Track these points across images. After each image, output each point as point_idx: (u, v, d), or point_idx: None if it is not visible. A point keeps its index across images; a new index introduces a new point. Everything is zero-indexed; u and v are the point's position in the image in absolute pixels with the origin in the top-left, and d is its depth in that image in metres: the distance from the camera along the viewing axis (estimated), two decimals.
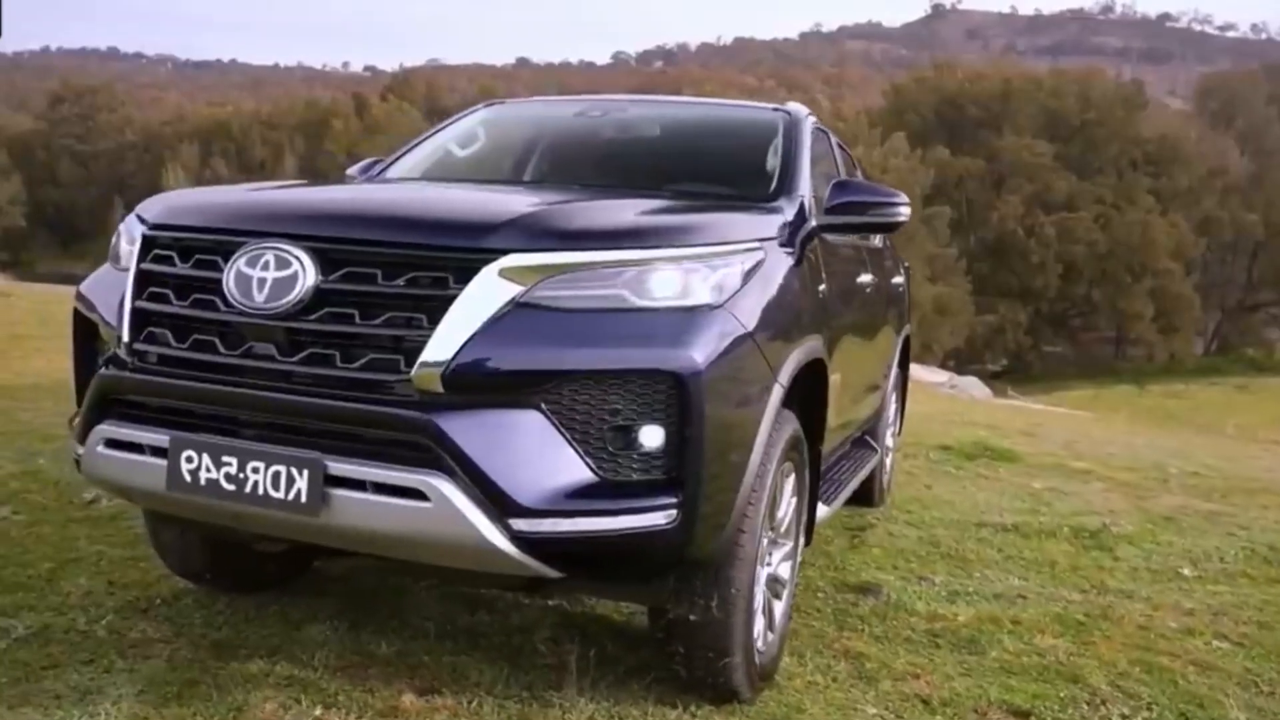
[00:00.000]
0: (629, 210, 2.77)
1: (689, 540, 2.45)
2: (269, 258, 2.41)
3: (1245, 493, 6.92)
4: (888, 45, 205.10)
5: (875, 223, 3.63)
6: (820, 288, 3.36)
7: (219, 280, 2.46)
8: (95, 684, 2.78)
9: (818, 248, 3.45)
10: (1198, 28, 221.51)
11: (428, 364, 2.29)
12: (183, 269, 2.56)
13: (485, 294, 2.33)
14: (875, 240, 4.84)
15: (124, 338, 2.56)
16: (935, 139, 48.22)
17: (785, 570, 3.19)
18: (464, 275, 2.34)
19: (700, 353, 2.40)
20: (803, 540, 3.37)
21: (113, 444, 2.58)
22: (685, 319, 2.45)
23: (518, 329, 2.33)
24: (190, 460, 2.42)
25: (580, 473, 2.35)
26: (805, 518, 3.34)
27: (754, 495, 2.67)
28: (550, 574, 2.45)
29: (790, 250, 3.09)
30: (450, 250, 2.38)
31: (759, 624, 2.93)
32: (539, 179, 4.08)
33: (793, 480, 3.12)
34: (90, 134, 64.74)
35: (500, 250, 2.37)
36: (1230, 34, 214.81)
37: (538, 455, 2.32)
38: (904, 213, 3.60)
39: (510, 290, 2.34)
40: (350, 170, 4.28)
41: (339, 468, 2.34)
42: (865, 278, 4.31)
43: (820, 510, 3.55)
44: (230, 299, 2.43)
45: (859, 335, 4.13)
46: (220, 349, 2.47)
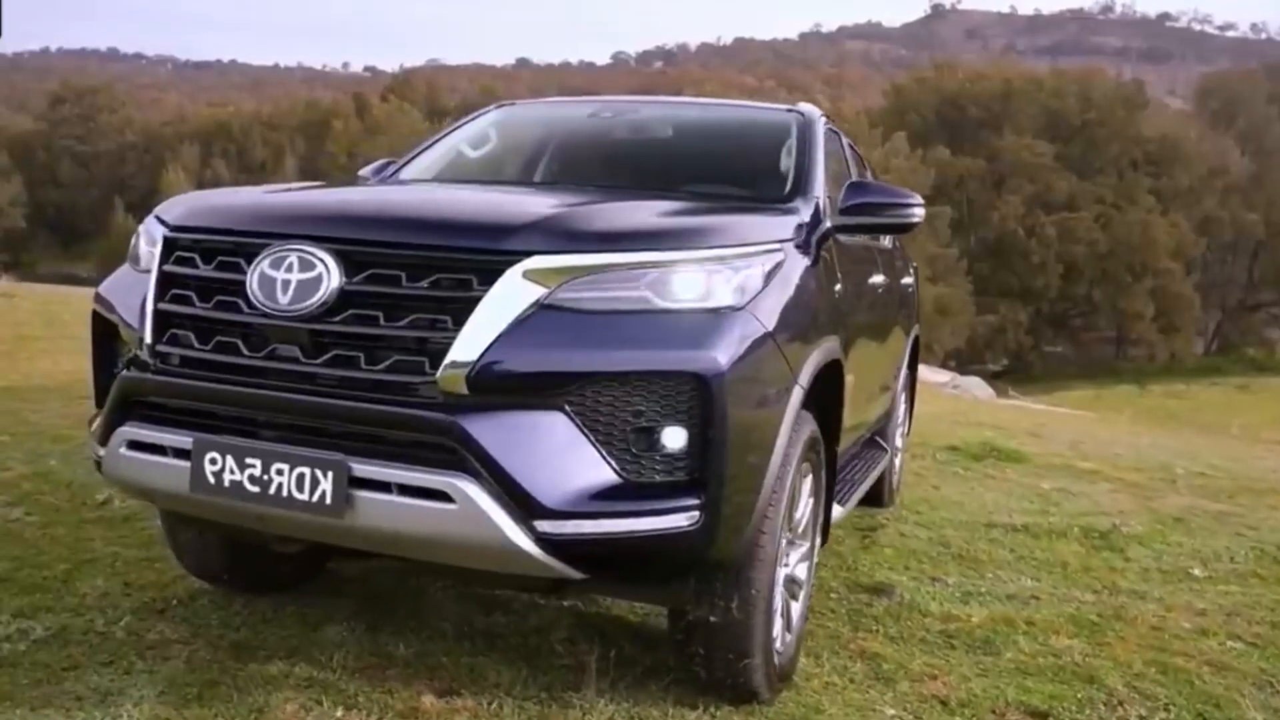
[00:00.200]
0: (651, 212, 2.78)
1: (711, 542, 2.45)
2: (293, 259, 2.41)
3: (1253, 493, 6.92)
4: (887, 45, 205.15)
5: (890, 224, 3.63)
6: (836, 289, 3.37)
7: (242, 282, 2.47)
8: (116, 685, 2.78)
9: (833, 248, 3.45)
10: (1197, 27, 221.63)
11: (453, 366, 2.29)
12: (205, 271, 2.56)
13: (509, 296, 2.33)
14: (885, 241, 4.84)
15: (146, 339, 2.56)
16: (936, 139, 48.26)
17: (802, 571, 3.19)
18: (488, 277, 2.35)
19: (723, 354, 2.40)
20: (819, 541, 3.38)
21: (135, 446, 2.58)
22: (708, 320, 2.45)
23: (542, 331, 2.33)
24: (214, 462, 2.43)
25: (604, 474, 2.36)
26: (822, 518, 3.34)
27: (774, 496, 2.68)
28: (574, 575, 2.45)
29: (807, 251, 3.09)
30: (475, 252, 2.38)
31: (777, 625, 2.94)
32: (553, 180, 4.09)
33: (810, 481, 3.13)
34: (91, 135, 64.69)
35: (524, 252, 2.37)
36: (1230, 34, 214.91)
37: (562, 457, 2.33)
38: (918, 214, 3.61)
39: (534, 292, 2.35)
40: (363, 171, 4.28)
41: (363, 469, 2.34)
42: (877, 278, 4.32)
43: (835, 511, 3.55)
44: (254, 301, 2.43)
45: (872, 336, 4.14)
46: (243, 351, 2.47)
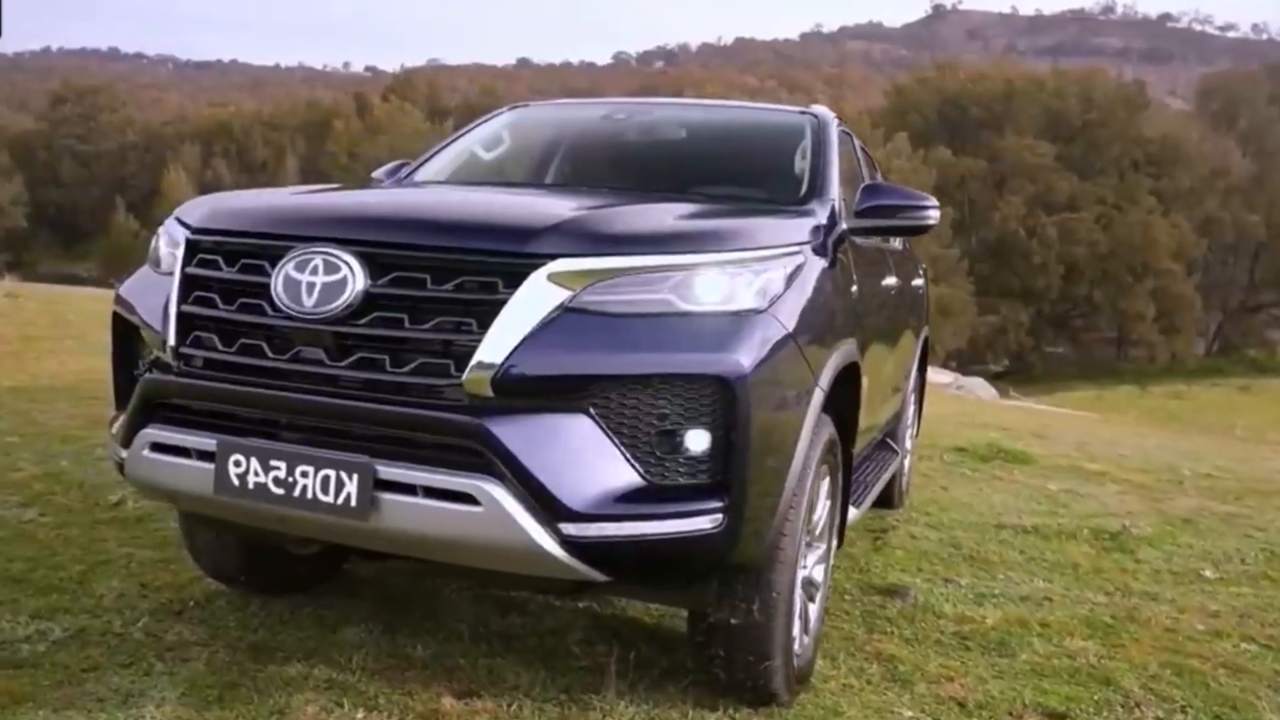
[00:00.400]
0: (673, 214, 2.78)
1: (734, 544, 2.46)
2: (317, 262, 2.41)
3: (1260, 494, 6.93)
4: (888, 45, 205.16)
5: (905, 226, 3.64)
6: (852, 291, 3.38)
7: (266, 284, 2.47)
8: (136, 687, 2.79)
9: (849, 251, 3.46)
10: (1198, 28, 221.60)
11: (478, 368, 2.30)
12: (228, 273, 2.57)
13: (534, 299, 2.34)
14: (895, 243, 4.85)
15: (170, 342, 2.56)
16: (937, 139, 48.26)
17: (819, 573, 3.20)
18: (513, 280, 2.35)
19: (747, 357, 2.41)
20: (835, 543, 3.38)
21: (158, 448, 2.59)
22: (731, 323, 2.45)
23: (566, 334, 2.34)
24: (238, 464, 2.43)
25: (628, 477, 2.36)
26: (838, 520, 3.35)
27: (795, 499, 2.68)
28: (598, 578, 2.45)
29: (825, 254, 3.09)
30: (500, 255, 2.39)
31: (795, 627, 2.94)
32: (568, 182, 4.09)
33: (827, 483, 3.13)
34: (92, 134, 64.69)
35: (549, 255, 2.38)
36: (1231, 34, 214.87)
37: (587, 459, 2.33)
38: (933, 216, 3.61)
39: (559, 295, 2.35)
40: (376, 173, 4.28)
41: (388, 472, 2.35)
42: (890, 280, 4.32)
43: (850, 513, 3.56)
44: (278, 303, 2.43)
45: (886, 338, 4.15)
46: (267, 353, 2.47)
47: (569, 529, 2.32)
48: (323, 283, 2.39)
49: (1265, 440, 14.10)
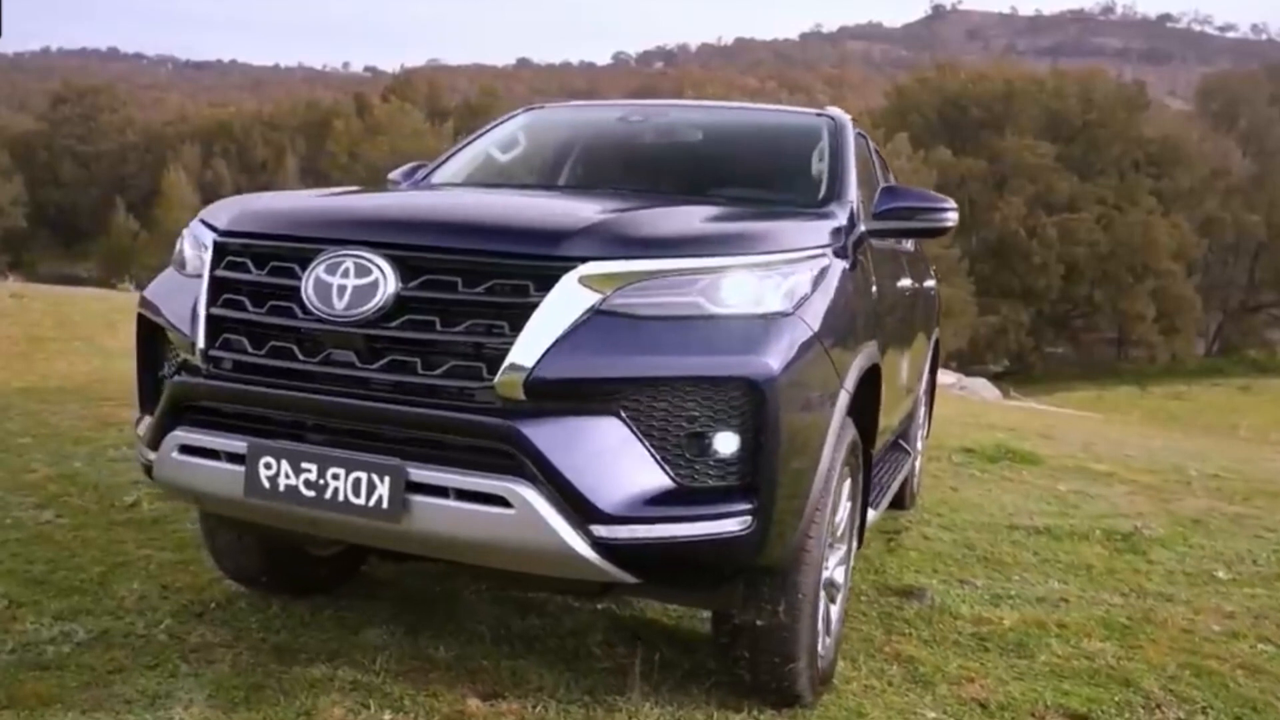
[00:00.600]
0: (701, 217, 2.79)
1: (762, 547, 2.46)
2: (349, 265, 2.42)
3: (1267, 495, 6.94)
4: (888, 46, 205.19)
5: (923, 228, 3.65)
6: (872, 293, 3.39)
7: (296, 287, 2.48)
8: (163, 688, 2.79)
9: (867, 252, 3.47)
10: (1198, 28, 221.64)
11: (511, 370, 2.31)
12: (258, 276, 2.57)
13: (566, 301, 2.34)
14: (907, 244, 4.86)
15: (199, 345, 2.57)
16: (937, 140, 48.26)
17: (840, 574, 3.21)
18: (545, 283, 2.36)
19: (776, 360, 2.41)
20: (855, 544, 3.39)
21: (187, 450, 2.59)
22: (760, 326, 2.46)
23: (597, 336, 2.34)
24: (269, 466, 2.44)
25: (658, 479, 2.37)
26: (858, 522, 3.35)
27: (821, 501, 2.69)
28: (627, 579, 2.46)
29: (847, 256, 3.10)
30: (532, 258, 2.39)
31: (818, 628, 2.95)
32: (586, 184, 4.09)
33: (849, 484, 3.14)
34: (92, 134, 64.65)
35: (580, 258, 2.39)
36: (1230, 34, 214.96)
37: (618, 462, 2.34)
38: (952, 218, 3.62)
39: (590, 298, 2.36)
40: (392, 175, 4.29)
41: (420, 474, 2.35)
42: (905, 282, 4.33)
43: (868, 514, 3.56)
44: (309, 306, 2.44)
45: (902, 340, 4.16)
46: (298, 355, 2.48)
47: (600, 531, 2.33)
48: (354, 286, 2.40)
49: (1269, 441, 14.12)
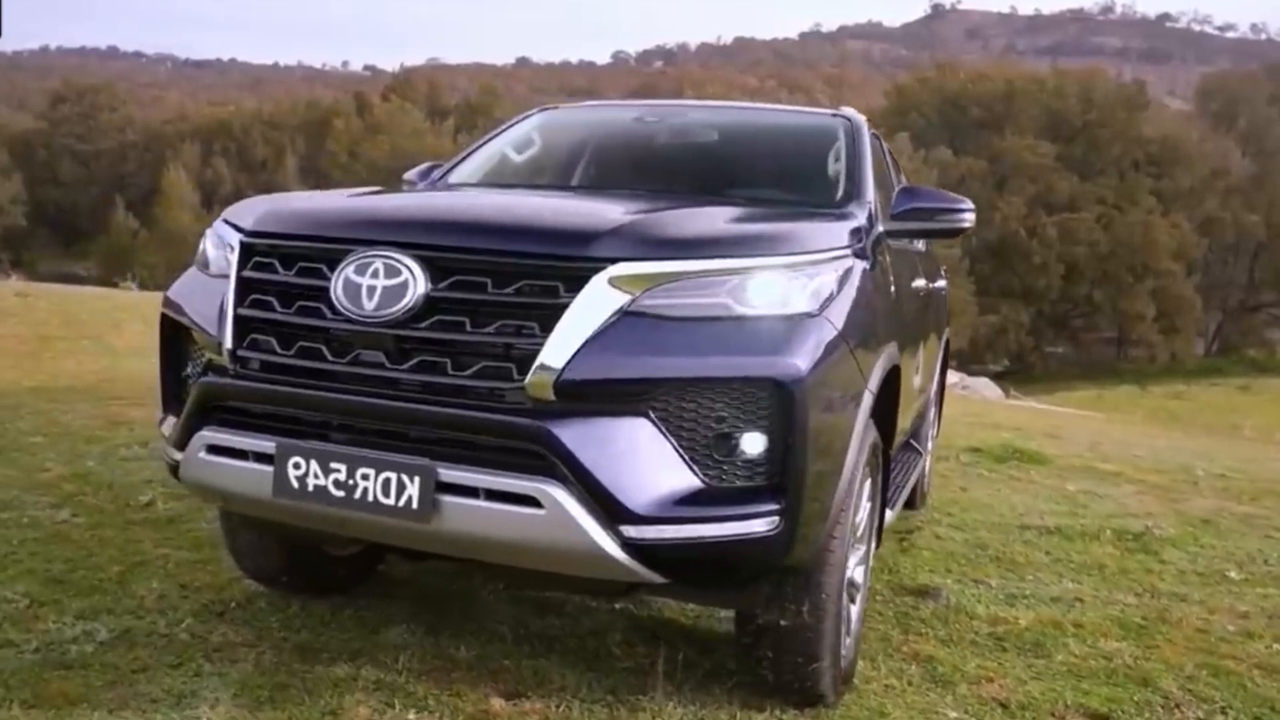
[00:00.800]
0: (727, 218, 2.80)
1: (790, 547, 2.47)
2: (378, 266, 2.43)
3: (1275, 495, 6.95)
4: (888, 45, 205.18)
5: (941, 229, 3.65)
6: (891, 294, 3.40)
7: (324, 288, 2.48)
8: (188, 687, 2.80)
9: (885, 253, 3.48)
10: (1197, 28, 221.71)
11: (541, 371, 2.31)
12: (285, 276, 2.58)
13: (595, 302, 2.35)
14: (919, 244, 4.87)
15: (227, 345, 2.57)
16: (938, 139, 48.29)
17: (859, 574, 3.22)
18: (575, 284, 2.37)
19: (804, 360, 2.42)
20: (874, 544, 3.40)
21: (215, 450, 2.60)
22: (787, 327, 2.47)
23: (626, 337, 2.35)
24: (298, 466, 2.44)
25: (687, 479, 2.38)
26: (877, 522, 3.36)
27: (845, 501, 2.70)
28: (655, 580, 2.47)
29: (867, 257, 3.11)
30: (561, 259, 2.40)
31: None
32: (603, 185, 4.09)
33: (868, 485, 3.15)
34: (91, 133, 64.59)
35: (609, 259, 2.39)
36: (1230, 34, 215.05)
37: (647, 462, 2.35)
38: (970, 219, 3.63)
39: (619, 299, 2.37)
40: (408, 175, 4.29)
41: (450, 474, 2.36)
42: (919, 282, 4.34)
43: (886, 514, 3.57)
44: (338, 306, 2.44)
45: (917, 340, 4.17)
46: (327, 356, 2.48)
47: (629, 531, 2.33)
48: (383, 286, 2.41)
49: (1273, 440, 14.15)
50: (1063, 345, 50.99)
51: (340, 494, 2.41)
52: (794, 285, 2.53)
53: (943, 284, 5.60)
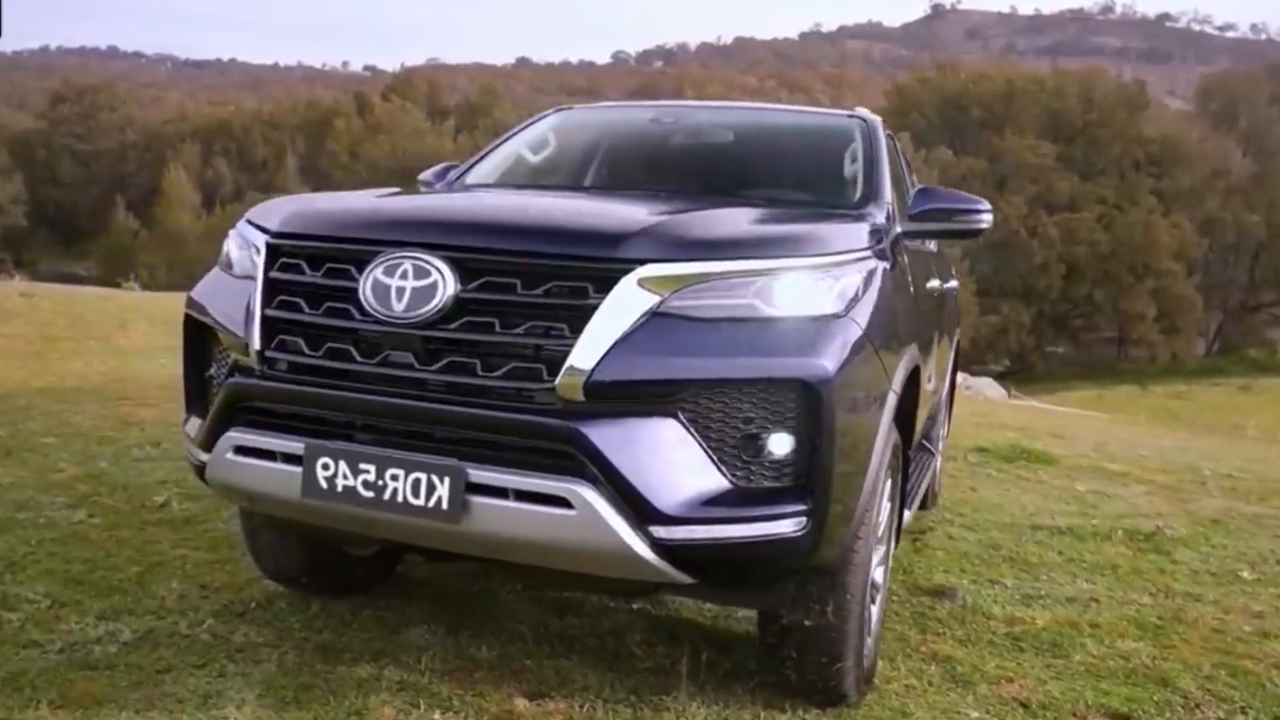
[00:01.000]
0: (753, 219, 2.81)
1: (816, 547, 2.48)
2: (407, 267, 2.43)
3: None
4: (887, 45, 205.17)
5: (959, 229, 3.65)
6: (910, 294, 3.40)
7: (353, 289, 2.49)
8: (213, 688, 2.81)
9: (903, 254, 3.48)
10: (1197, 28, 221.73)
11: (571, 373, 2.32)
12: (313, 277, 2.58)
13: (625, 303, 2.36)
14: (931, 245, 4.87)
15: (254, 346, 2.58)
16: (938, 139, 48.32)
17: (879, 575, 3.22)
18: (604, 285, 2.37)
19: (831, 361, 2.43)
20: (893, 545, 3.41)
21: (242, 451, 2.60)
22: (815, 328, 2.48)
23: (655, 338, 2.36)
24: (326, 467, 2.45)
25: (716, 480, 2.38)
26: (896, 522, 3.37)
27: (870, 501, 2.71)
28: (683, 580, 2.47)
29: (888, 258, 3.11)
30: (591, 260, 2.41)
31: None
32: (620, 186, 4.10)
33: (889, 485, 3.16)
34: (91, 133, 64.59)
35: (639, 260, 2.40)
36: (1230, 34, 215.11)
37: (676, 463, 2.35)
38: (987, 219, 3.64)
39: (648, 300, 2.37)
40: (423, 175, 4.29)
41: (480, 475, 2.36)
42: (934, 283, 4.34)
43: (904, 515, 3.58)
44: (367, 308, 2.45)
45: (932, 341, 4.17)
46: (355, 357, 2.49)
47: (659, 531, 2.34)
48: (413, 287, 2.41)
49: (1277, 440, 14.15)
50: (1063, 345, 51.02)
51: (369, 495, 2.42)
52: (820, 286, 2.53)
53: (954, 284, 5.60)
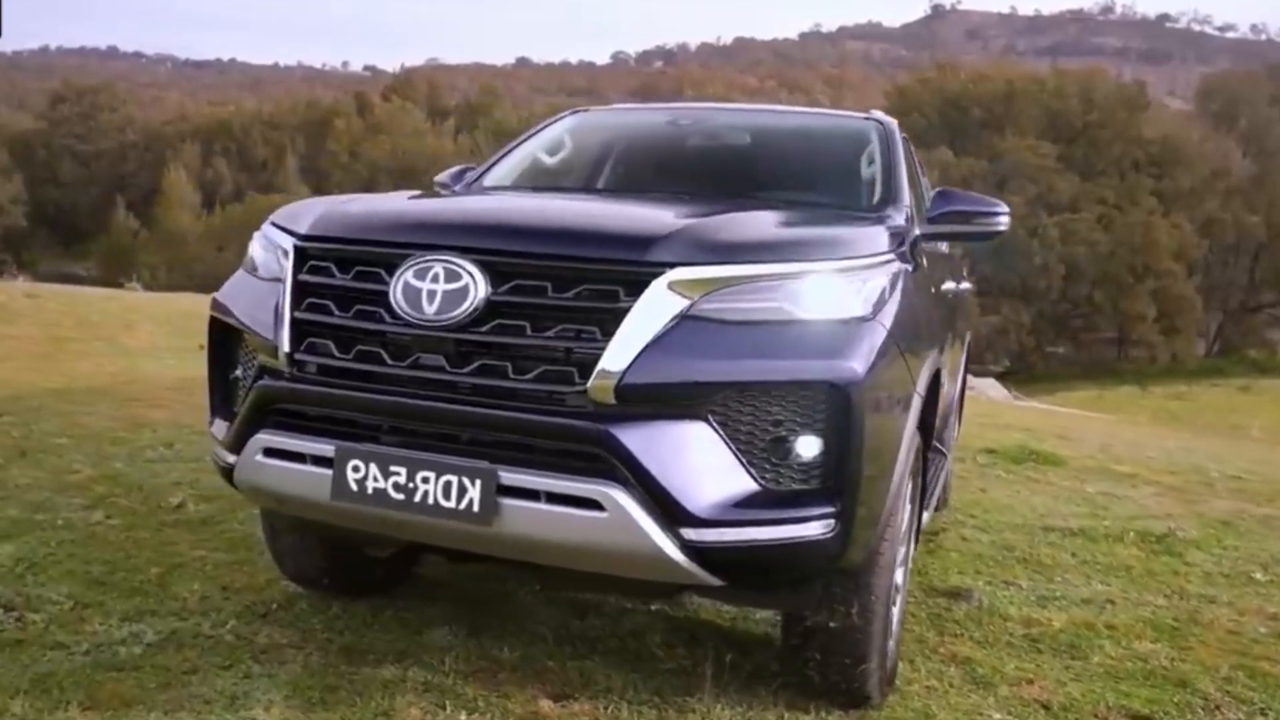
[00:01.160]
0: (780, 222, 2.82)
1: (845, 550, 2.49)
2: (438, 270, 2.44)
3: None
4: (887, 45, 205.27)
5: (977, 232, 3.67)
6: (930, 296, 3.41)
7: (383, 292, 2.50)
8: (240, 689, 2.81)
9: (922, 256, 3.49)
10: (1197, 28, 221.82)
11: (603, 375, 2.33)
12: (343, 280, 2.59)
13: (655, 307, 2.37)
14: (943, 246, 4.88)
15: (284, 349, 2.58)
16: (938, 140, 48.29)
17: (899, 576, 3.23)
18: (635, 288, 2.38)
19: (860, 364, 2.44)
20: (912, 546, 3.42)
21: (272, 453, 2.61)
22: (843, 330, 2.49)
23: (685, 341, 2.37)
24: (357, 470, 2.46)
25: (745, 483, 2.39)
26: (916, 523, 3.38)
27: (895, 503, 2.72)
28: (712, 582, 2.48)
29: (910, 261, 3.12)
30: (622, 263, 2.41)
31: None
32: (637, 188, 4.10)
33: (910, 487, 3.16)
34: (91, 133, 64.63)
35: (669, 263, 2.41)
36: (1229, 34, 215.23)
37: (706, 465, 2.36)
38: (1005, 222, 3.65)
39: (679, 303, 2.38)
40: (439, 178, 4.29)
41: (511, 477, 2.37)
42: (949, 284, 4.36)
43: (923, 516, 3.59)
44: (398, 311, 2.46)
45: (949, 342, 4.18)
46: (386, 360, 2.50)
47: (689, 534, 2.35)
48: (444, 291, 2.42)
49: None
50: (1063, 345, 51.00)
51: (400, 497, 2.43)
52: (849, 289, 2.54)
53: (966, 285, 5.61)
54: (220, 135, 62.99)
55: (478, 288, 2.41)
